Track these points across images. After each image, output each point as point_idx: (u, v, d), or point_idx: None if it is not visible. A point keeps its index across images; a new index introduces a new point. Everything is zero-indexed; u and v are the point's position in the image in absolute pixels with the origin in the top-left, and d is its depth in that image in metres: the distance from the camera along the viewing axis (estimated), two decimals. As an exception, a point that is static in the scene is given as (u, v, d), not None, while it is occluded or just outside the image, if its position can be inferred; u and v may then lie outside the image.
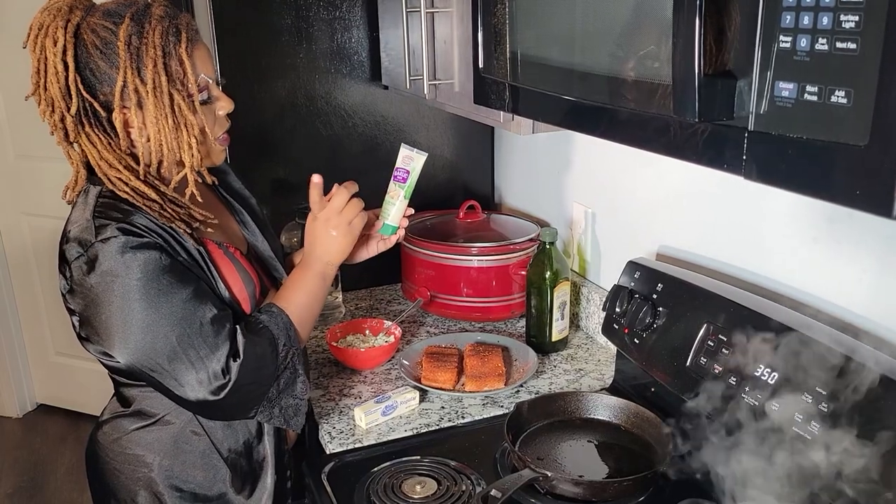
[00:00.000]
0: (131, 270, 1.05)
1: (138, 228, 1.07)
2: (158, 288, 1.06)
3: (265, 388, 1.15)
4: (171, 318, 1.07)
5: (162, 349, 1.07)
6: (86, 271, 1.06)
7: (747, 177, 0.73)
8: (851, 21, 0.59)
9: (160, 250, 1.07)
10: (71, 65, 1.05)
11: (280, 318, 1.18)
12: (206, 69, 1.12)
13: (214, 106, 1.14)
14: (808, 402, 1.00)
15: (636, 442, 1.29)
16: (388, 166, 2.00)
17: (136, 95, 1.05)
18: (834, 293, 1.15)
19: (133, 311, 1.06)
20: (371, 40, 1.89)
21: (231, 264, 1.19)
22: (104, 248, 1.05)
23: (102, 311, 1.07)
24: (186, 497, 1.20)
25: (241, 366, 1.10)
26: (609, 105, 0.92)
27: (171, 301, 1.07)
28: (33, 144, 2.98)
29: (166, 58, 1.05)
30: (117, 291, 1.06)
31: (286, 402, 1.18)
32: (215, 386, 1.09)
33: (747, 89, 0.70)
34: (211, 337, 1.09)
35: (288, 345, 1.17)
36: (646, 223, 1.56)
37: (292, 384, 1.19)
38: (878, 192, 0.60)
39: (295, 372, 1.19)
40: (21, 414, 3.36)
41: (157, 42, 1.04)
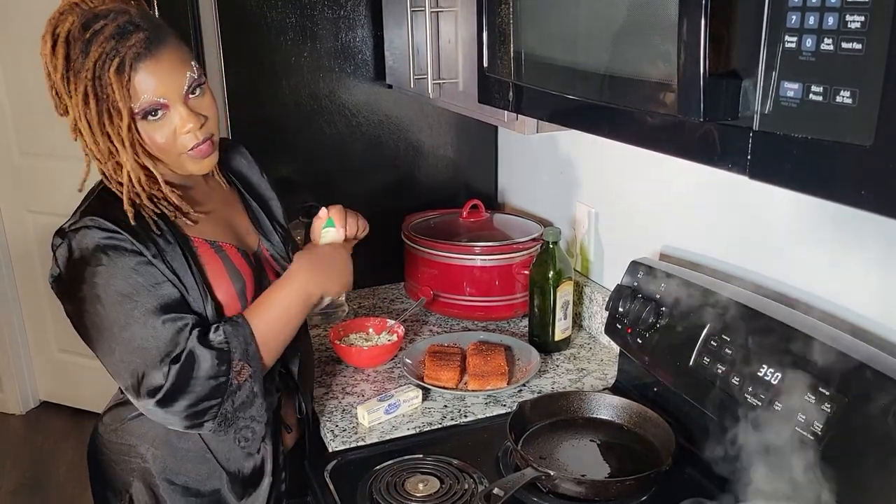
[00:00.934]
0: (98, 260, 1.08)
1: (115, 225, 1.10)
2: (120, 281, 1.08)
3: (215, 402, 1.10)
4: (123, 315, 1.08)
5: (112, 345, 1.09)
6: (66, 258, 1.11)
7: (752, 176, 0.73)
8: (857, 21, 0.59)
9: (129, 244, 1.10)
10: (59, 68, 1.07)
11: (242, 332, 1.13)
12: (161, 89, 1.08)
13: (172, 123, 1.11)
14: (812, 402, 1.00)
15: (638, 441, 1.29)
16: (391, 165, 2.01)
17: (74, 111, 1.09)
18: (838, 294, 1.15)
19: (96, 300, 1.09)
20: (375, 39, 1.89)
21: (219, 262, 1.19)
22: (76, 237, 1.10)
23: (77, 297, 1.11)
24: (178, 490, 1.20)
25: (178, 372, 1.08)
26: (613, 104, 0.92)
27: (127, 298, 1.08)
28: (38, 142, 2.99)
29: (96, 81, 1.06)
30: (87, 278, 1.09)
31: (242, 424, 1.15)
32: (152, 387, 1.08)
33: (752, 89, 0.70)
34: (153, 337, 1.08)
35: (244, 360, 1.12)
36: (649, 223, 1.56)
37: (248, 405, 1.14)
38: (883, 193, 0.60)
39: (252, 393, 1.14)
40: (24, 411, 3.37)
41: (90, 66, 1.05)
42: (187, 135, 1.11)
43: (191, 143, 1.12)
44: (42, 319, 3.26)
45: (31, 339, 3.33)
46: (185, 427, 1.12)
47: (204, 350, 1.09)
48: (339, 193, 1.93)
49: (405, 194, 2.03)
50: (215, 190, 1.29)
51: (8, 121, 3.01)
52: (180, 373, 1.08)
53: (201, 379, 1.09)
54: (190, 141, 1.12)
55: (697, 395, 1.22)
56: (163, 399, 1.08)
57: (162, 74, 1.08)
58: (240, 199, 1.33)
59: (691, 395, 1.23)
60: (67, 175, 2.98)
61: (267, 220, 1.34)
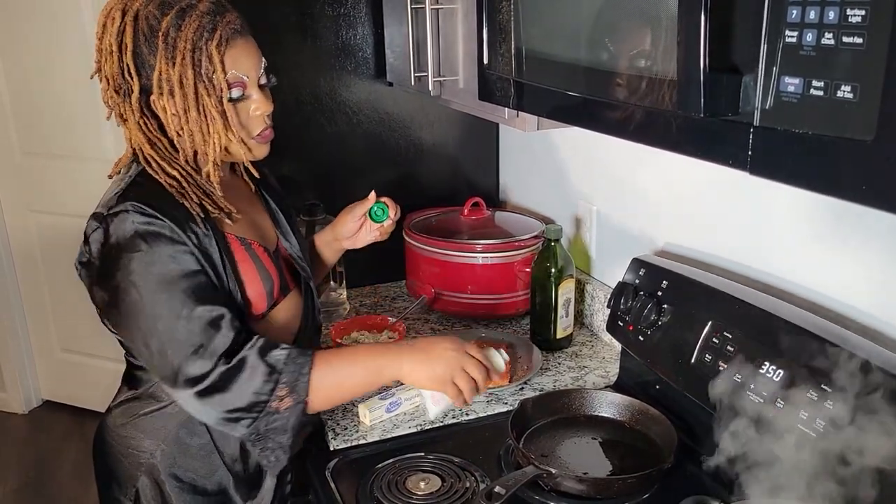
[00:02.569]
0: (136, 245, 1.07)
1: (155, 211, 1.08)
2: (160, 268, 1.07)
3: (250, 416, 1.08)
4: (164, 301, 1.06)
5: (153, 333, 1.07)
6: (102, 243, 1.09)
7: (753, 172, 0.72)
8: (858, 15, 0.58)
9: (169, 231, 1.09)
10: (129, 46, 1.08)
11: (302, 362, 1.10)
12: (244, 67, 1.13)
13: (248, 105, 1.15)
14: (814, 399, 1.00)
15: (640, 439, 1.28)
16: (392, 163, 2.01)
17: (168, 84, 1.09)
18: (839, 290, 1.14)
19: (135, 287, 1.07)
20: (376, 37, 1.89)
21: (250, 261, 1.20)
22: (114, 221, 1.08)
23: (110, 282, 1.08)
24: (185, 488, 1.21)
25: (225, 371, 1.06)
26: (614, 101, 0.92)
27: (168, 284, 1.07)
28: (40, 141, 2.99)
29: (196, 52, 1.08)
30: (123, 264, 1.07)
31: (270, 445, 1.12)
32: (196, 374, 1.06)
33: (753, 84, 0.69)
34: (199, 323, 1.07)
35: (290, 390, 1.08)
36: (650, 220, 1.56)
37: (280, 433, 1.10)
38: (884, 188, 0.60)
39: (286, 426, 1.10)
40: (26, 410, 3.37)
41: (190, 36, 1.08)
42: (259, 118, 1.17)
43: (260, 126, 1.18)
44: (45, 319, 3.27)
45: (34, 338, 3.33)
46: (219, 424, 1.10)
47: (258, 362, 1.07)
48: (339, 192, 1.93)
49: (406, 192, 2.02)
50: (242, 188, 1.30)
51: (9, 120, 3.01)
52: (226, 374, 1.06)
53: (243, 388, 1.07)
54: (260, 125, 1.17)
55: (699, 393, 1.21)
56: (202, 392, 1.07)
57: (249, 54, 1.14)
58: (260, 199, 1.34)
59: (693, 393, 1.23)
60: (69, 174, 3.01)
61: (285, 220, 1.34)
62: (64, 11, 2.74)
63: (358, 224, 1.46)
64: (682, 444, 1.22)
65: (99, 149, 2.81)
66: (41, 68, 2.87)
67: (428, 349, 1.15)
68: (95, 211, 1.12)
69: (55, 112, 2.90)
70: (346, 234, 1.47)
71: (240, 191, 1.28)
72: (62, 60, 2.80)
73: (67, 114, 2.86)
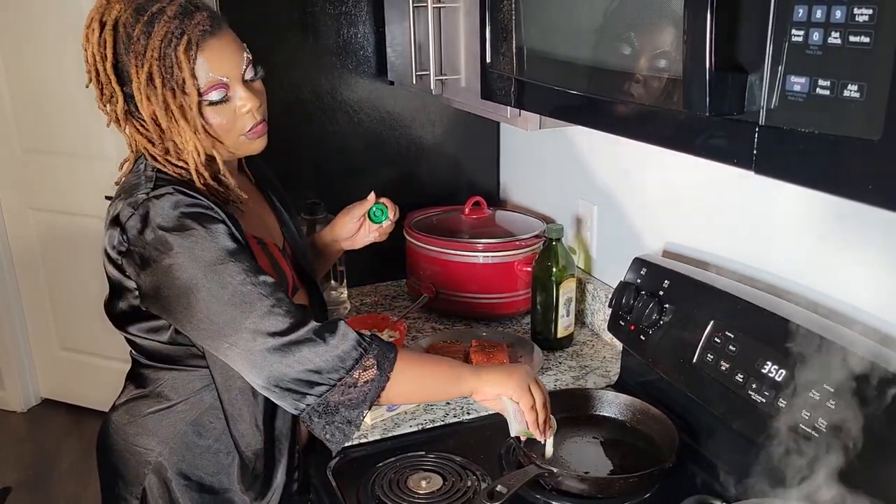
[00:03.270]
0: (184, 224, 1.04)
1: (193, 192, 1.08)
2: (212, 241, 1.05)
3: (327, 384, 1.06)
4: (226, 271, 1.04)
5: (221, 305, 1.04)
6: (140, 229, 1.06)
7: (758, 171, 0.72)
8: (865, 14, 0.58)
9: (213, 211, 1.07)
10: (109, 56, 1.07)
11: (389, 348, 1.10)
12: (221, 68, 1.09)
13: (234, 104, 1.12)
14: (816, 399, 0.99)
15: (641, 439, 1.28)
16: (393, 162, 2.01)
17: (139, 93, 1.08)
18: (842, 290, 1.14)
19: (190, 263, 1.04)
20: (377, 35, 1.89)
21: (266, 260, 1.19)
22: (156, 203, 1.05)
23: (161, 263, 1.05)
24: (193, 486, 1.20)
25: (319, 328, 1.05)
26: (617, 99, 0.92)
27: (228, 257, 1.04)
28: (40, 139, 2.99)
29: (164, 59, 1.06)
30: (172, 243, 1.04)
31: (339, 419, 1.08)
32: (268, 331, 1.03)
33: (758, 83, 0.69)
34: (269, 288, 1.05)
35: (377, 363, 1.08)
36: (652, 220, 1.56)
37: (353, 407, 1.08)
38: (890, 187, 0.59)
39: (364, 401, 1.08)
40: (25, 408, 3.37)
41: (157, 44, 1.05)
42: (247, 115, 1.13)
43: (250, 123, 1.14)
44: (44, 317, 3.27)
45: (33, 336, 3.33)
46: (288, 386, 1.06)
47: (349, 329, 1.07)
48: (340, 190, 1.93)
49: (407, 191, 2.02)
50: (249, 187, 1.29)
51: (10, 118, 3.00)
52: (319, 330, 1.05)
53: (332, 349, 1.05)
54: (249, 122, 1.14)
55: (701, 392, 1.21)
56: (287, 345, 1.03)
57: (224, 53, 1.10)
58: (265, 198, 1.34)
59: (695, 392, 1.23)
60: (69, 172, 3.00)
61: (288, 217, 1.34)
62: (64, 9, 2.73)
63: (357, 225, 1.46)
64: (684, 444, 1.22)
65: (100, 147, 2.80)
66: (42, 66, 2.86)
67: (507, 368, 1.19)
68: (126, 198, 1.08)
69: (56, 109, 2.90)
70: (345, 234, 1.47)
71: (246, 188, 1.28)
72: (63, 58, 2.79)
73: (68, 111, 2.86)
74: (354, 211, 1.45)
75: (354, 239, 1.48)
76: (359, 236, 1.48)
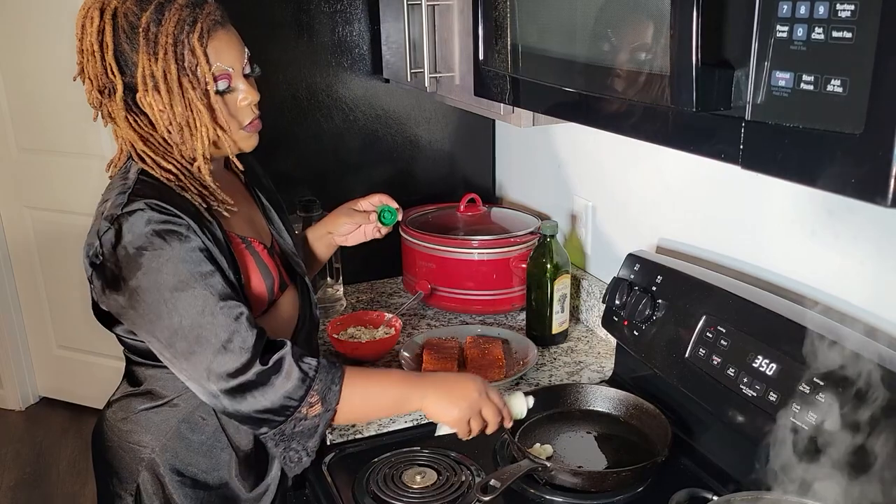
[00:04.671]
0: (154, 244, 1.05)
1: (169, 206, 1.08)
2: (180, 266, 1.05)
3: (279, 419, 1.08)
4: (187, 299, 1.05)
5: (179, 333, 1.06)
6: (113, 244, 1.07)
7: (744, 166, 0.73)
8: (847, 10, 0.59)
9: (186, 229, 1.08)
10: (110, 44, 1.08)
11: (334, 373, 1.11)
12: (227, 59, 1.12)
13: (236, 96, 1.15)
14: (806, 392, 1.00)
15: (635, 433, 1.29)
16: (388, 160, 2.01)
17: (152, 80, 1.08)
18: (832, 284, 1.15)
19: (155, 288, 1.05)
20: (372, 33, 1.89)
21: (251, 259, 1.20)
22: (129, 220, 1.06)
23: (129, 283, 1.06)
24: (187, 483, 1.21)
25: (263, 371, 1.06)
26: (608, 96, 0.93)
27: (189, 282, 1.06)
28: (36, 137, 2.99)
29: (178, 46, 1.07)
30: (143, 264, 1.05)
31: (294, 446, 1.12)
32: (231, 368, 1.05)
33: (744, 79, 0.70)
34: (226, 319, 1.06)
35: (321, 398, 1.09)
36: (645, 216, 1.57)
37: (307, 437, 1.11)
38: (873, 180, 0.60)
39: (315, 430, 1.11)
40: (23, 407, 3.37)
41: (171, 30, 1.07)
42: (247, 108, 1.16)
43: (249, 117, 1.16)
44: (41, 315, 3.27)
45: (31, 335, 3.33)
46: (246, 423, 1.10)
47: (293, 365, 1.08)
48: (336, 188, 1.95)
49: (403, 188, 2.02)
50: (236, 185, 1.30)
51: (6, 116, 3.01)
52: (263, 373, 1.06)
53: (278, 390, 1.07)
54: (248, 115, 1.16)
55: (693, 387, 1.22)
56: (235, 389, 1.06)
57: (231, 45, 1.13)
58: (252, 195, 1.34)
59: (687, 387, 1.24)
60: (66, 171, 3.01)
61: (276, 216, 1.35)
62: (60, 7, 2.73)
63: (354, 227, 1.47)
64: (676, 438, 1.23)
65: (96, 145, 2.80)
66: (38, 65, 2.86)
67: (453, 387, 1.16)
68: (106, 212, 1.09)
69: (52, 108, 2.90)
70: (341, 233, 1.48)
71: (234, 187, 1.28)
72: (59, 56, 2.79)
73: (64, 110, 2.86)
74: (355, 217, 1.45)
75: (348, 237, 1.49)
76: (353, 236, 1.49)
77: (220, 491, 1.23)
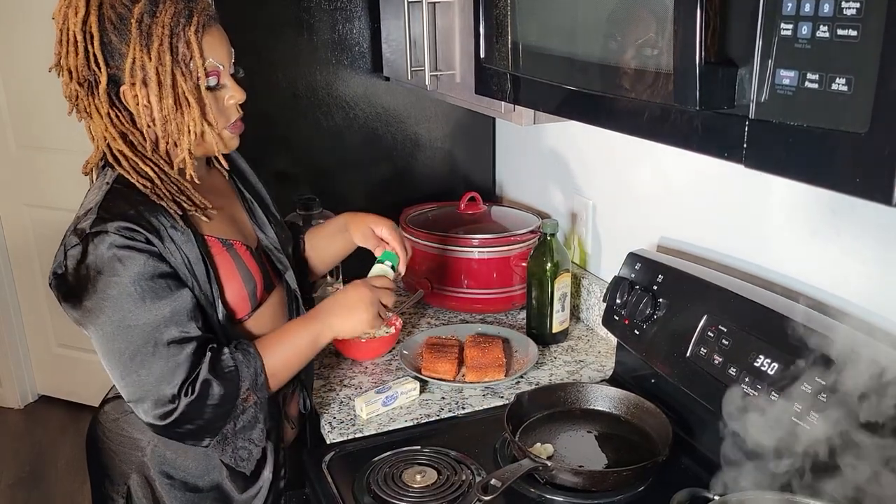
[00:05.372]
0: (113, 269, 1.06)
1: (137, 228, 1.07)
2: (132, 294, 1.06)
3: (219, 425, 1.14)
4: (133, 330, 1.07)
5: (119, 360, 1.09)
6: (77, 261, 1.07)
7: (748, 165, 0.73)
8: (853, 8, 0.59)
9: (149, 255, 1.07)
10: (96, 35, 1.06)
11: (254, 363, 1.14)
12: (218, 55, 1.12)
13: (223, 93, 1.14)
14: (808, 392, 1.00)
15: (636, 432, 1.29)
16: (389, 158, 2.01)
17: (143, 72, 1.07)
18: (834, 284, 1.15)
19: (104, 312, 1.07)
20: (372, 31, 1.89)
21: (231, 263, 1.18)
22: (94, 241, 1.06)
23: (83, 302, 1.08)
24: (177, 485, 1.20)
25: (191, 402, 1.09)
26: (610, 94, 0.92)
27: (139, 312, 1.07)
28: (35, 135, 2.98)
29: (174, 38, 1.07)
30: (99, 287, 1.06)
31: (241, 444, 1.18)
32: (160, 412, 1.09)
33: (748, 77, 0.70)
34: (163, 361, 1.08)
35: (252, 389, 1.14)
36: (646, 215, 1.56)
37: (250, 429, 1.17)
38: (878, 180, 0.60)
39: (255, 418, 1.17)
40: (22, 405, 3.37)
41: (167, 22, 1.06)
42: (232, 107, 1.16)
43: (234, 115, 1.17)
44: (40, 314, 3.26)
45: (29, 333, 3.33)
46: (188, 443, 1.15)
47: (215, 381, 1.10)
48: (336, 186, 1.94)
49: (403, 187, 2.03)
50: (217, 183, 1.28)
51: (5, 114, 3.00)
52: (192, 404, 1.09)
53: (210, 408, 1.11)
54: (234, 114, 1.17)
55: (694, 386, 1.22)
56: (170, 424, 1.10)
57: (222, 42, 1.14)
58: (236, 191, 1.33)
59: (688, 386, 1.24)
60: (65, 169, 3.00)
61: (260, 211, 1.33)
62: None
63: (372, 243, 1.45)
64: (677, 438, 1.22)
65: (95, 143, 2.80)
66: (36, 62, 2.85)
67: (346, 303, 1.23)
68: (78, 225, 1.09)
69: (51, 106, 2.88)
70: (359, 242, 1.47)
71: (216, 186, 1.27)
72: (57, 54, 2.79)
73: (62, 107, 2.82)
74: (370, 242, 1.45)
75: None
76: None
77: (212, 493, 1.21)
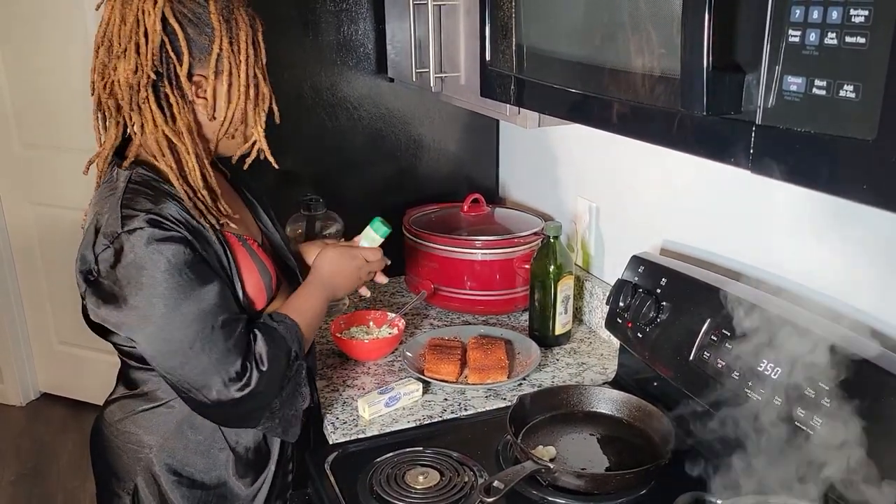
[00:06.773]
0: (156, 263, 1.06)
1: (166, 220, 1.08)
2: (180, 283, 1.07)
3: (273, 398, 1.17)
4: (187, 318, 1.08)
5: (177, 349, 1.09)
6: (112, 263, 1.07)
7: (754, 171, 0.73)
8: (861, 15, 0.59)
9: (185, 244, 1.08)
10: (178, 29, 1.09)
11: (294, 330, 1.20)
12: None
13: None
14: (811, 396, 1.00)
15: (638, 435, 1.29)
16: (393, 159, 2.01)
17: (228, 65, 1.13)
18: (839, 289, 1.15)
19: (155, 307, 1.07)
20: (377, 32, 1.89)
21: (248, 256, 1.20)
22: (130, 239, 1.06)
23: (128, 302, 1.07)
24: (184, 482, 1.20)
25: (262, 375, 1.12)
26: (616, 98, 0.92)
27: (190, 300, 1.07)
28: (39, 134, 2.99)
29: (254, 34, 1.15)
30: (144, 283, 1.06)
31: (287, 413, 1.20)
32: (235, 387, 1.11)
33: (755, 83, 0.70)
34: (222, 342, 1.09)
35: (298, 355, 1.19)
36: (650, 218, 1.56)
37: (294, 396, 1.21)
38: (885, 187, 0.60)
39: (299, 384, 1.21)
40: (24, 402, 3.37)
41: (245, 19, 1.14)
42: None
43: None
44: (43, 311, 3.27)
45: (32, 330, 3.33)
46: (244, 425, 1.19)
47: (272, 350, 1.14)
48: (340, 187, 1.94)
49: (406, 188, 2.03)
50: (222, 182, 1.29)
51: (9, 112, 3.00)
52: (260, 373, 1.13)
53: (275, 375, 1.15)
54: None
55: (697, 390, 1.22)
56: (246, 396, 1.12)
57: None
58: (238, 193, 1.34)
59: (691, 390, 1.24)
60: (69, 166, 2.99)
61: (261, 210, 1.35)
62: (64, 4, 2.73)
63: None
64: (680, 441, 1.22)
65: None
66: (42, 60, 2.86)
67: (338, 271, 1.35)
68: (104, 228, 1.08)
69: (55, 104, 2.90)
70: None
71: (224, 187, 1.28)
72: (62, 52, 2.79)
73: (67, 106, 2.85)
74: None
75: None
76: None
77: (218, 490, 1.23)
